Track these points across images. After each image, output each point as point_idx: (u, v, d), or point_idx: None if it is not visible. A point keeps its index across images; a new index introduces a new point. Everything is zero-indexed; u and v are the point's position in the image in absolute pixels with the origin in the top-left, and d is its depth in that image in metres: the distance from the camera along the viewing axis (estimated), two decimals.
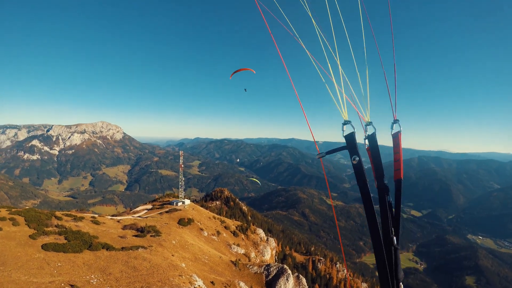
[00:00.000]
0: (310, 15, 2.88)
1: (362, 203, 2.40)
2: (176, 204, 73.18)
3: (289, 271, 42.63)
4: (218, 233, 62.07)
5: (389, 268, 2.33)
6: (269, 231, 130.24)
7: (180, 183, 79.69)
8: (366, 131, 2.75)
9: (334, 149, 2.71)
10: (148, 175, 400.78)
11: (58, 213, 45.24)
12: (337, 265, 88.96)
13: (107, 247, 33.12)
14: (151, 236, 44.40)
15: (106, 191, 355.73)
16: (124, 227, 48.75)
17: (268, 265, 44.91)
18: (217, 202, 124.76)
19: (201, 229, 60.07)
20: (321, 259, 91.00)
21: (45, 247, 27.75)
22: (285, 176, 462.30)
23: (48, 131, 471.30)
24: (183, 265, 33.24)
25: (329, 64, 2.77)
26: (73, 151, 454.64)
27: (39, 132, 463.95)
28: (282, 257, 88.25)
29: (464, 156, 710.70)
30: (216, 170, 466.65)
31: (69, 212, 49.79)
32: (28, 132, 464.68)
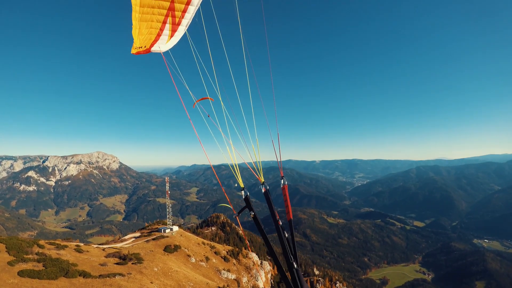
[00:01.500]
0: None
1: (265, 245, 3.92)
2: (164, 231, 74.56)
3: None
4: (207, 259, 62.93)
5: (294, 286, 3.07)
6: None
7: (167, 210, 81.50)
8: (261, 188, 3.68)
9: (241, 209, 3.64)
10: (146, 204, 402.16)
11: (41, 242, 47.50)
12: (337, 284, 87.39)
13: (84, 275, 35.02)
14: (132, 263, 46.03)
15: (103, 221, 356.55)
16: (108, 255, 50.48)
17: None
18: (212, 228, 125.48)
19: (189, 256, 61.16)
20: (319, 279, 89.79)
21: (21, 273, 29.94)
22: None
23: (44, 162, 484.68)
24: None
25: (223, 136, 3.83)
26: (69, 181, 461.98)
27: (35, 163, 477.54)
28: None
29: (462, 161, 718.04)
30: (214, 196, 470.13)
31: (53, 241, 51.91)
32: (24, 163, 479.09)
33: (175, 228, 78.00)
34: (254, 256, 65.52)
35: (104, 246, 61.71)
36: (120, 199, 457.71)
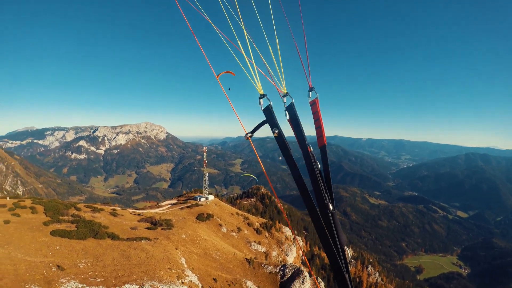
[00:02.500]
0: None
1: (292, 176, 2.58)
2: (199, 200, 77.00)
3: (306, 273, 42.10)
4: (239, 229, 63.82)
5: (330, 234, 2.48)
6: (305, 230, 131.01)
7: (204, 179, 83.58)
8: (284, 102, 2.95)
9: (257, 126, 2.89)
10: (191, 173, 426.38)
11: (79, 205, 51.41)
12: (369, 268, 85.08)
13: (113, 237, 36.77)
14: (162, 229, 47.87)
15: (149, 188, 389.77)
16: (140, 220, 53.32)
17: (284, 265, 44.97)
18: (252, 199, 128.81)
19: (220, 225, 62.46)
20: (351, 260, 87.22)
21: (52, 232, 32.05)
22: None
23: (94, 132, 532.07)
24: (183, 259, 35.22)
25: (237, 38, 2.93)
26: (118, 150, 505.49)
27: (86, 133, 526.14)
28: (309, 257, 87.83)
29: None
30: (258, 168, 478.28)
31: (91, 204, 55.99)
32: (76, 133, 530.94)
33: (211, 197, 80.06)
34: (287, 231, 64.80)
35: (140, 211, 65.73)
36: (166, 168, 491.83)
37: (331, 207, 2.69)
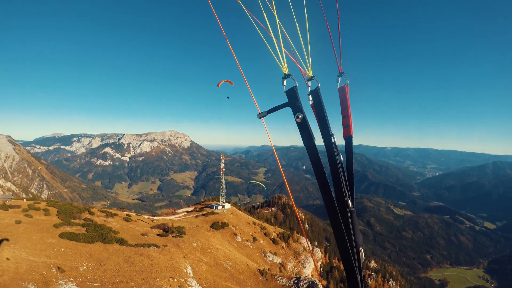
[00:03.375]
0: None
1: (312, 167, 2.40)
2: (215, 208, 77.06)
3: (321, 287, 40.15)
4: (254, 239, 62.78)
5: (346, 233, 2.38)
6: (326, 240, 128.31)
7: (221, 187, 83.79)
8: (309, 86, 2.77)
9: (276, 107, 2.68)
10: (214, 181, 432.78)
11: (93, 209, 53.20)
12: (390, 282, 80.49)
13: (121, 242, 37.38)
14: (173, 236, 48.13)
15: (173, 195, 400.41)
16: (153, 226, 54.08)
17: (298, 278, 43.31)
18: (272, 209, 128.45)
19: (235, 234, 61.84)
20: (372, 274, 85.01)
21: (61, 235, 33.12)
22: None
23: (119, 139, 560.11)
24: (189, 268, 34.88)
25: (265, 14, 2.78)
26: (143, 157, 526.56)
27: (111, 141, 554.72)
28: (328, 269, 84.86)
29: None
30: (281, 177, 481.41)
31: (105, 209, 57.76)
32: (101, 140, 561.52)
33: (227, 205, 79.97)
34: (305, 242, 62.70)
35: (154, 218, 66.91)
36: (190, 176, 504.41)
37: (350, 204, 2.57)
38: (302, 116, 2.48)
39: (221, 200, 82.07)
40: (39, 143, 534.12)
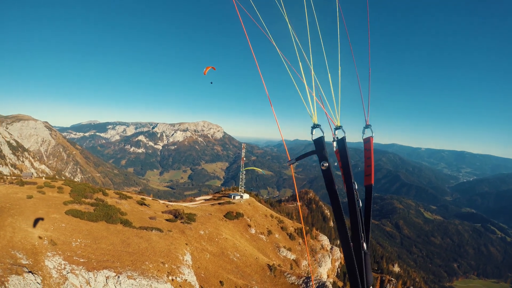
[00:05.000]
0: (284, 15, 3.31)
1: (332, 210, 2.79)
2: (233, 198, 77.90)
3: None
4: (269, 232, 62.57)
5: (359, 272, 2.68)
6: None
7: (241, 177, 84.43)
8: (335, 134, 3.12)
9: (304, 154, 3.03)
10: (245, 173, 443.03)
11: (108, 190, 56.40)
12: None
13: (125, 223, 39.22)
14: (181, 222, 49.51)
15: (202, 184, 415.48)
16: (165, 211, 56.09)
17: (308, 278, 42.40)
18: (297, 203, 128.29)
19: (249, 226, 62.10)
20: (391, 279, 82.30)
21: (67, 211, 35.51)
22: (383, 184, 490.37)
23: (153, 128, 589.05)
24: (187, 255, 35.62)
25: (300, 65, 3.13)
26: (175, 146, 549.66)
27: (145, 129, 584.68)
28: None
29: None
30: (312, 173, 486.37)
31: (120, 191, 60.96)
32: (136, 128, 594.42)
33: (245, 196, 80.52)
34: (324, 239, 61.33)
35: (169, 203, 69.41)
36: (221, 166, 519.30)
37: (365, 246, 2.88)
38: (327, 164, 2.83)
39: (240, 190, 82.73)
40: (76, 130, 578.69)
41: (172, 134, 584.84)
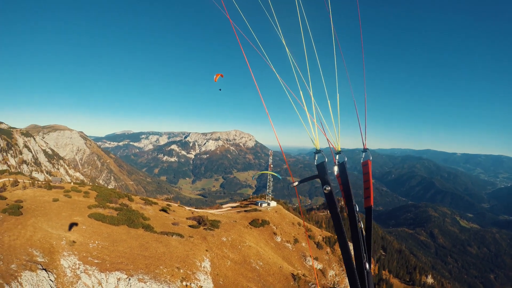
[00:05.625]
0: (283, 42, 3.63)
1: (335, 231, 2.98)
2: (260, 205, 77.00)
3: None
4: (296, 241, 60.61)
5: None
6: (383, 250, 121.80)
7: (268, 184, 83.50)
8: (336, 159, 3.36)
9: (307, 178, 3.32)
10: (276, 181, 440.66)
11: (134, 196, 58.11)
12: None
13: (146, 228, 39.85)
14: (204, 228, 49.44)
15: (234, 193, 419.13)
16: (189, 218, 56.53)
17: None
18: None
19: (275, 234, 60.66)
20: None
21: (90, 215, 36.78)
22: (417, 191, 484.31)
23: (185, 137, 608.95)
24: (206, 261, 35.17)
25: (301, 93, 3.45)
26: (207, 155, 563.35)
27: (178, 138, 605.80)
28: (376, 282, 77.77)
29: None
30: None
31: (146, 197, 62.52)
32: (168, 138, 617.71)
33: (273, 203, 79.35)
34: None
35: (195, 210, 70.03)
36: (253, 175, 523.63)
37: (367, 266, 3.03)
38: (329, 188, 3.01)
39: (267, 197, 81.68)
40: (110, 139, 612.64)
41: (204, 143, 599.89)
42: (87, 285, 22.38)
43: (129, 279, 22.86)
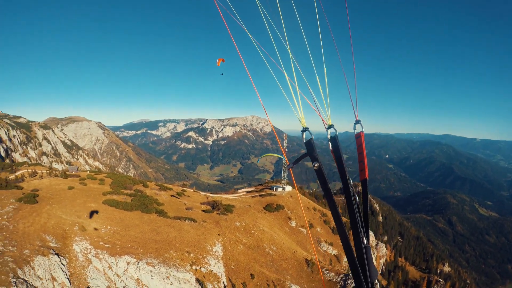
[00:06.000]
0: (266, 15, 3.58)
1: (329, 207, 3.00)
2: (275, 190, 77.14)
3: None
4: (311, 226, 60.47)
5: (361, 268, 2.80)
6: (400, 236, 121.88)
7: (283, 169, 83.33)
8: (328, 134, 3.31)
9: (298, 158, 3.29)
10: (295, 166, 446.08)
11: (149, 182, 59.33)
12: None
13: (160, 213, 40.66)
14: (217, 213, 50.01)
15: (252, 178, 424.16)
16: (203, 202, 57.31)
17: (347, 275, 39.95)
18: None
19: (289, 218, 60.71)
20: (439, 280, 78.35)
21: (104, 201, 37.79)
22: (436, 177, 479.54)
23: (203, 124, 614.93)
24: (218, 246, 35.58)
25: (284, 70, 3.41)
26: (225, 141, 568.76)
27: (195, 125, 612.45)
28: (391, 268, 76.93)
29: None
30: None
31: (161, 183, 63.74)
32: (186, 125, 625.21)
33: (288, 188, 79.33)
34: (371, 235, 57.25)
35: (210, 195, 70.97)
36: (270, 160, 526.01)
37: (365, 241, 2.98)
38: (318, 164, 2.98)
39: (282, 182, 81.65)
40: (127, 128, 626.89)
41: (222, 130, 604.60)
42: (97, 269, 23.10)
43: (138, 263, 23.41)
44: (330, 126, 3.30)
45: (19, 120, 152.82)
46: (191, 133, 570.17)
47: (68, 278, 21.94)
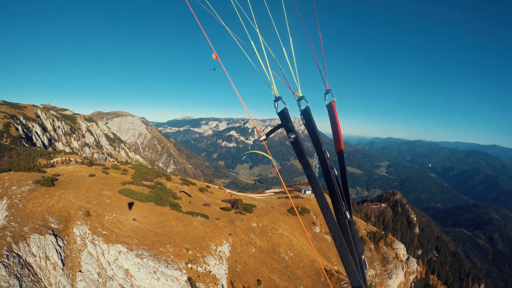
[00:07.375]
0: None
1: (308, 181, 2.89)
2: (304, 192, 75.21)
3: None
4: None
5: (347, 243, 2.73)
6: (436, 250, 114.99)
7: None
8: (300, 106, 3.19)
9: (272, 129, 3.15)
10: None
11: (173, 176, 61.04)
12: None
13: (173, 206, 41.42)
14: (235, 212, 49.72)
15: (291, 180, 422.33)
16: (224, 200, 57.54)
17: None
18: (382, 205, 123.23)
19: (313, 224, 58.50)
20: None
21: (120, 190, 39.44)
22: (480, 190, 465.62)
23: (244, 124, 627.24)
24: (225, 246, 35.12)
25: (253, 43, 3.25)
26: (266, 142, 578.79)
27: (237, 125, 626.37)
28: (421, 287, 69.59)
29: None
30: (405, 173, 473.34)
31: (185, 178, 65.18)
32: (228, 124, 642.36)
33: None
34: (400, 248, 53.08)
35: (235, 193, 71.14)
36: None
37: (348, 215, 2.87)
38: (294, 136, 2.87)
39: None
40: (171, 125, 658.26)
41: (263, 130, 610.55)
42: (91, 254, 23.90)
43: (128, 253, 23.81)
44: (300, 98, 3.14)
45: (65, 112, 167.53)
46: (232, 132, 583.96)
47: (62, 259, 22.96)
